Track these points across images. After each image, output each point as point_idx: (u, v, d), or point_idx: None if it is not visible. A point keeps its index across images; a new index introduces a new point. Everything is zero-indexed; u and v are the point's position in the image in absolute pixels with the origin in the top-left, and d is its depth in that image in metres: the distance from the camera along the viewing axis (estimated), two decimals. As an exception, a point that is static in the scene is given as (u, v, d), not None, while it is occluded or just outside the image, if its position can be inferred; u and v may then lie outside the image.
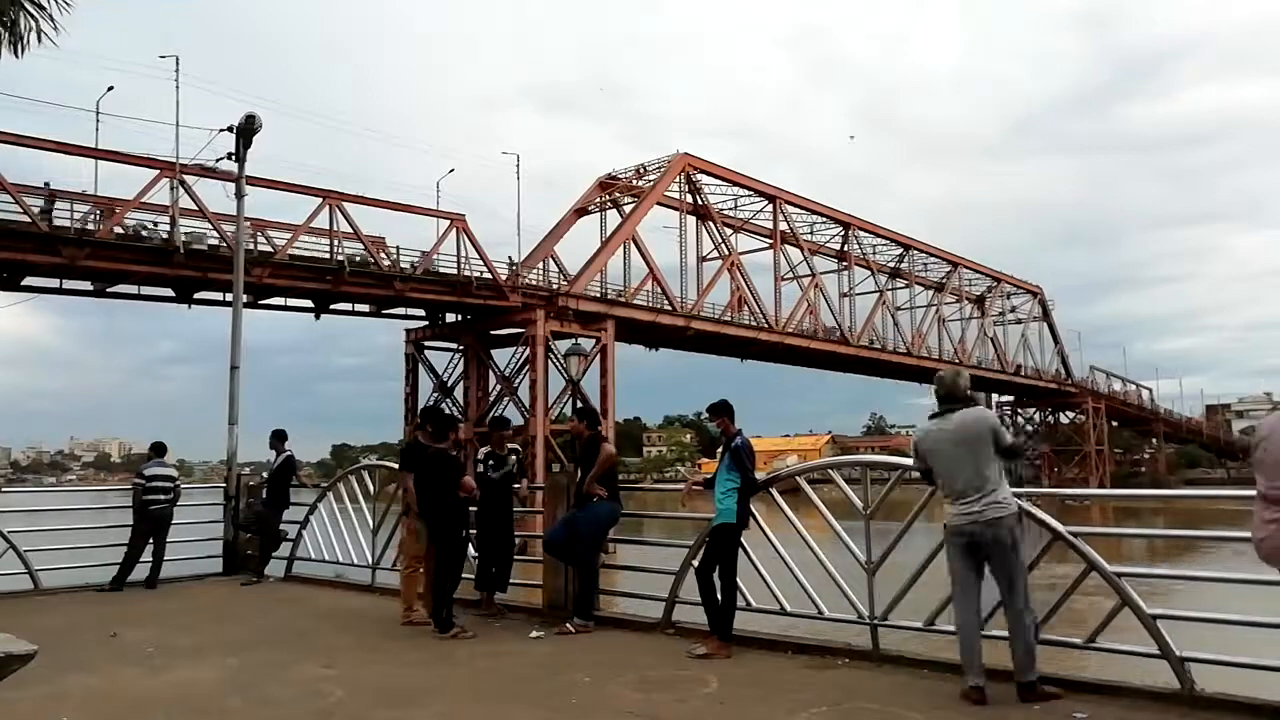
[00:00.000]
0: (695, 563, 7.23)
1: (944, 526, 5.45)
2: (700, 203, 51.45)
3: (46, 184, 31.32)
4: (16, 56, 7.06)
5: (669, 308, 48.33)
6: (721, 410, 7.00)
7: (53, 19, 7.14)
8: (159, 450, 11.28)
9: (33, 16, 7.05)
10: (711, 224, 51.61)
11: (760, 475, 7.10)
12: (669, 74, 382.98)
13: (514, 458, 8.76)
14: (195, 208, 32.64)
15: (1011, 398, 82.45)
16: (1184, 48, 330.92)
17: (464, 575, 8.26)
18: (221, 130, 16.35)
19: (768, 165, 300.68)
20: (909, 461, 5.94)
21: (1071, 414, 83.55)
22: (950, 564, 5.46)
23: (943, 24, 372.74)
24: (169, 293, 35.85)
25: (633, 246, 48.02)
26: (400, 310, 42.90)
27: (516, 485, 8.65)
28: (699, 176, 50.77)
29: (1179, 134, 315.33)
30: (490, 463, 8.55)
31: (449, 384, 45.46)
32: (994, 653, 5.48)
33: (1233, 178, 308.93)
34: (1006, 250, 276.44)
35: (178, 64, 34.05)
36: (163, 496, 10.85)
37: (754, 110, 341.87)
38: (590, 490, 7.87)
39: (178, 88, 33.68)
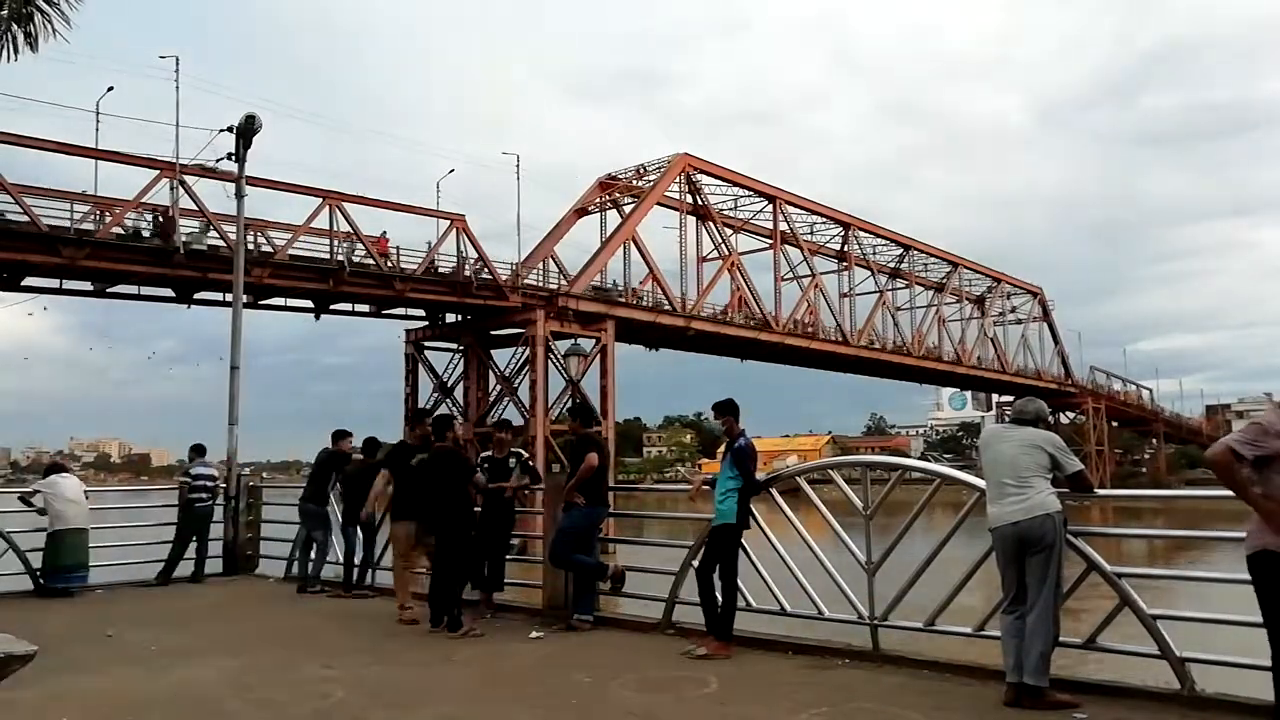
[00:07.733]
0: (695, 563, 7.23)
1: (989, 530, 5.42)
2: (700, 203, 51.39)
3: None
4: (34, 50, 7.12)
5: (669, 308, 48.31)
6: (728, 410, 7.01)
7: (65, 15, 7.19)
8: (200, 451, 11.71)
9: (46, 15, 7.09)
10: (711, 224, 51.55)
11: (760, 475, 7.11)
12: (690, 63, 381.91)
13: (514, 461, 8.74)
14: (195, 208, 32.62)
15: (1011, 398, 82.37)
16: (1211, 38, 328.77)
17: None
18: (221, 131, 16.37)
19: (789, 156, 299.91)
20: (909, 461, 5.96)
21: (1072, 414, 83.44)
22: (998, 565, 5.41)
23: (970, 10, 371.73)
24: (169, 293, 35.85)
25: (633, 246, 48.00)
26: (400, 310, 42.89)
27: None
28: (699, 177, 50.68)
29: (1203, 126, 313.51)
30: (485, 465, 8.58)
31: (449, 384, 45.42)
32: (994, 653, 5.48)
33: (1249, 173, 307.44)
34: (1012, 248, 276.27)
35: (178, 64, 33.98)
36: (205, 495, 11.42)
37: (774, 101, 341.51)
38: (569, 499, 7.94)
39: (178, 88, 33.66)
